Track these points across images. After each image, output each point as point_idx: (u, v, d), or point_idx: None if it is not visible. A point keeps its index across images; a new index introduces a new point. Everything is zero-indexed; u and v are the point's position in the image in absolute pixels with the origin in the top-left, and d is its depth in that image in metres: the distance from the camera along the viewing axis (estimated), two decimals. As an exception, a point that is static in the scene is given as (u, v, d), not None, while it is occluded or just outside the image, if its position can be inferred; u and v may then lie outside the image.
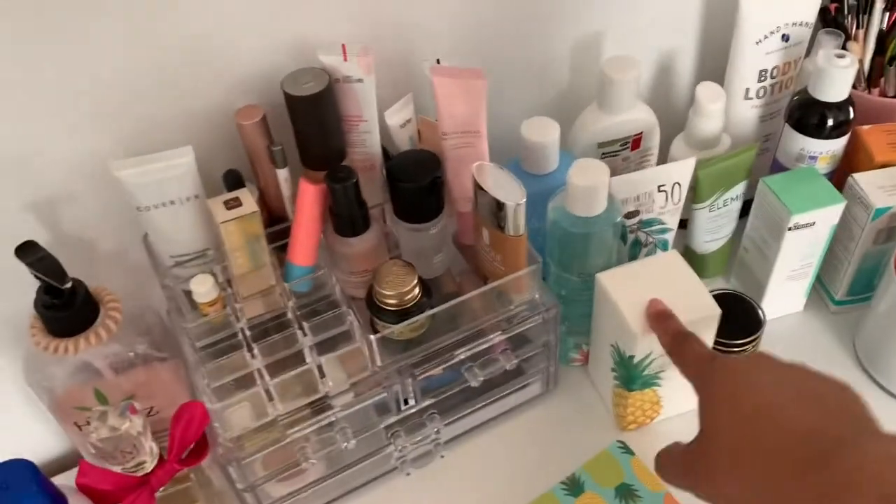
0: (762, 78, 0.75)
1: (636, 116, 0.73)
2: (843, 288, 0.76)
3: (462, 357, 0.64)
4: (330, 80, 0.58)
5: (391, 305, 0.60)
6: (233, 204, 0.56)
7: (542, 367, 0.71)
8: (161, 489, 0.59)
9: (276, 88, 0.58)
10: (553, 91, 0.76)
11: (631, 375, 0.65)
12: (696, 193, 0.73)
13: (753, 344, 0.70)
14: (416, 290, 0.61)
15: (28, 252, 0.53)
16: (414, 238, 0.63)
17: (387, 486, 0.68)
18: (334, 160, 0.62)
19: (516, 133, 0.66)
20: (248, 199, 0.56)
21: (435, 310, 0.61)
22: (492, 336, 0.65)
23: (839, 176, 0.73)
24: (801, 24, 0.74)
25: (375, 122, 0.62)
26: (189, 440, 0.60)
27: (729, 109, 0.77)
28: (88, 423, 0.55)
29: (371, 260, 0.62)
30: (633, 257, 0.73)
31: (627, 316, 0.63)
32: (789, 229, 0.69)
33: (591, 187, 0.62)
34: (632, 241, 0.72)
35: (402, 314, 0.61)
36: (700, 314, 0.63)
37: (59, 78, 0.54)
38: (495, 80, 0.72)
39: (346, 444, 0.62)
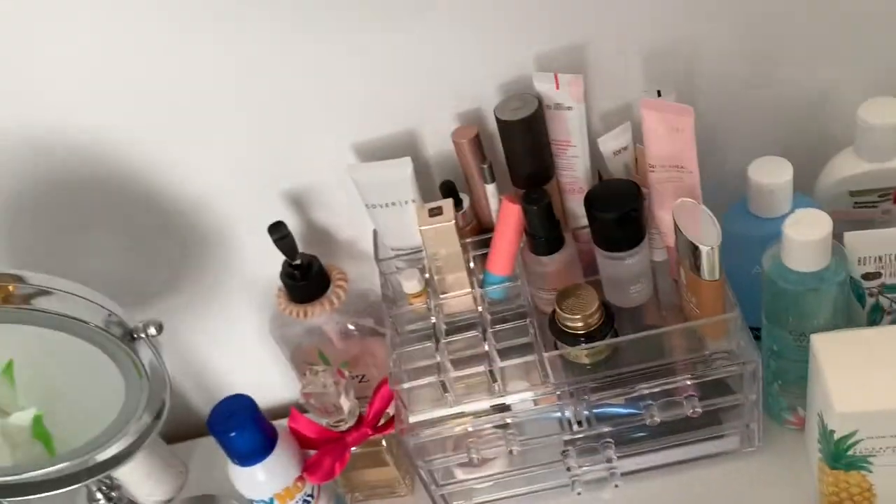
0: None
1: (900, 166, 0.62)
2: None
3: (642, 393, 0.61)
4: (539, 106, 0.59)
5: (568, 328, 0.60)
6: (435, 212, 0.61)
7: (742, 421, 0.64)
8: (356, 447, 0.67)
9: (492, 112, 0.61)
10: (804, 129, 0.67)
11: (833, 452, 0.57)
12: (967, 264, 0.60)
13: None
14: (596, 317, 0.60)
15: (275, 230, 0.64)
16: (610, 266, 0.62)
17: (558, 500, 0.68)
18: (541, 181, 0.63)
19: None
20: (450, 210, 0.60)
21: (609, 340, 0.59)
22: (678, 378, 0.61)
23: None
24: None
25: (585, 148, 0.62)
26: (382, 411, 0.66)
27: None
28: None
29: (562, 279, 0.62)
30: (872, 323, 0.63)
31: (832, 384, 0.55)
32: None
33: (807, 241, 0.55)
34: (871, 306, 0.62)
35: (579, 338, 0.60)
36: (924, 405, 0.52)
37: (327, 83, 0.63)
38: (735, 114, 0.67)
39: (511, 448, 0.63)
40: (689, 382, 0.61)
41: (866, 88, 0.63)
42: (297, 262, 0.65)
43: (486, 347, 0.62)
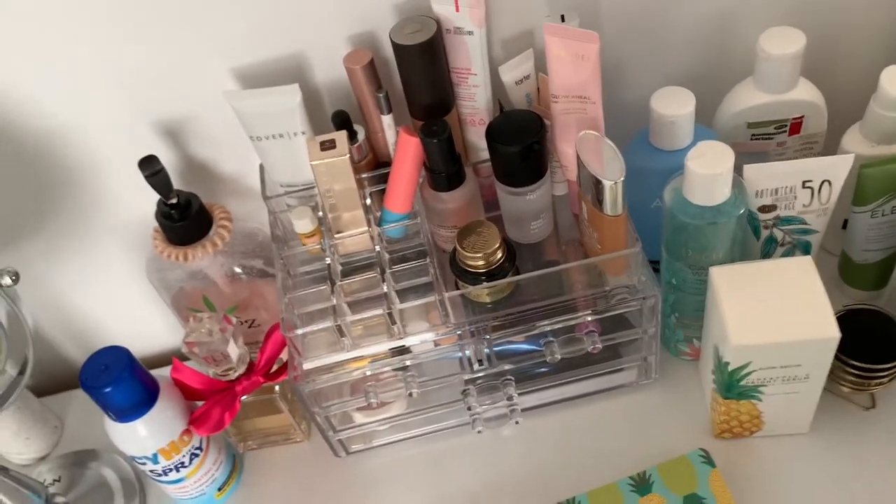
0: (977, 66, 0.60)
1: (796, 97, 0.61)
2: None
3: (543, 330, 0.60)
4: (438, 30, 0.54)
5: (470, 266, 0.57)
6: (327, 145, 0.55)
7: (640, 355, 0.64)
8: (247, 395, 0.63)
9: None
10: (706, 59, 0.66)
11: (727, 382, 0.57)
12: (856, 194, 0.61)
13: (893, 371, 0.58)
14: (498, 255, 0.57)
15: (146, 165, 0.57)
16: (511, 201, 0.59)
17: (459, 438, 0.67)
18: (440, 111, 0.59)
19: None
20: (343, 143, 0.55)
21: (511, 278, 0.57)
22: (579, 314, 0.59)
23: None
24: None
25: (486, 77, 0.58)
26: (274, 358, 0.62)
27: (928, 100, 0.62)
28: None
29: (462, 216, 0.59)
30: (765, 255, 0.63)
31: (728, 318, 0.55)
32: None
33: (710, 175, 0.54)
34: (766, 238, 0.62)
35: (480, 276, 0.58)
36: (815, 334, 0.53)
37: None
38: (639, 42, 0.64)
39: (411, 391, 0.60)
40: (589, 319, 0.60)
41: (768, 18, 0.62)
42: (174, 200, 0.59)
43: (385, 289, 0.58)
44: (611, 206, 0.55)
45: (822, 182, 0.58)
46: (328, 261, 0.60)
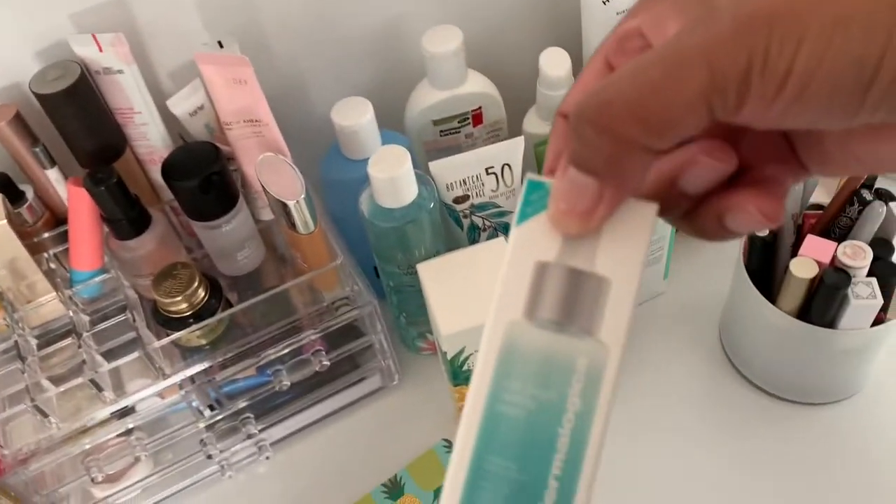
0: (618, 40, 0.65)
1: (470, 90, 0.64)
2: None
3: (270, 359, 0.58)
4: (82, 74, 0.51)
5: (174, 312, 0.54)
6: (-20, 214, 0.50)
7: (377, 361, 0.64)
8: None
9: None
10: (386, 66, 0.67)
11: (451, 370, 0.59)
12: (539, 171, 0.64)
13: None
14: (200, 293, 0.55)
15: None
16: (208, 236, 0.57)
17: (215, 487, 0.64)
18: (111, 156, 0.55)
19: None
20: (-1, 209, 0.50)
21: (217, 316, 0.55)
22: (302, 336, 0.58)
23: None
24: (656, -21, 0.63)
25: (154, 113, 0.55)
26: (-21, 454, 0.55)
27: (588, 76, 0.67)
28: None
29: (158, 261, 0.56)
30: (472, 242, 0.66)
31: (436, 309, 0.55)
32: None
33: (391, 178, 0.55)
34: (468, 227, 0.64)
35: (188, 319, 0.55)
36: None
37: None
38: (314, 57, 0.64)
39: (138, 455, 0.56)
40: (314, 337, 0.59)
41: (433, 19, 0.64)
42: None
43: (84, 355, 0.54)
44: (301, 225, 0.54)
45: (503, 166, 0.61)
46: (15, 337, 0.54)
